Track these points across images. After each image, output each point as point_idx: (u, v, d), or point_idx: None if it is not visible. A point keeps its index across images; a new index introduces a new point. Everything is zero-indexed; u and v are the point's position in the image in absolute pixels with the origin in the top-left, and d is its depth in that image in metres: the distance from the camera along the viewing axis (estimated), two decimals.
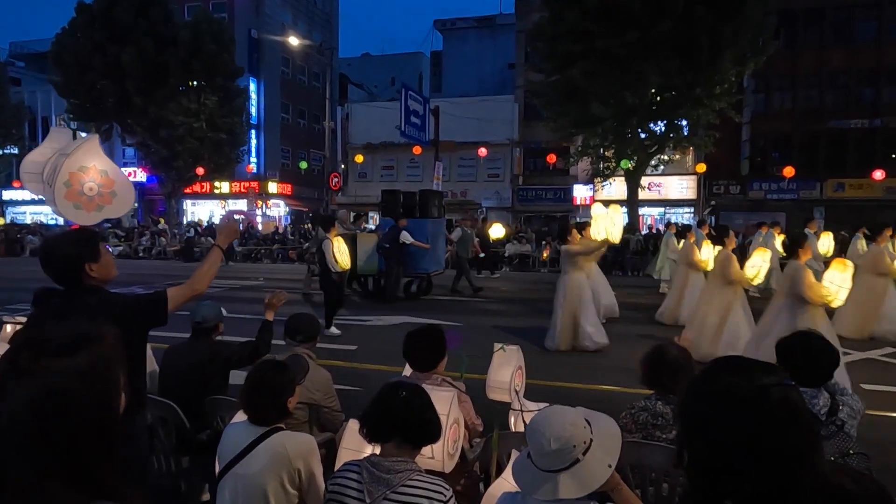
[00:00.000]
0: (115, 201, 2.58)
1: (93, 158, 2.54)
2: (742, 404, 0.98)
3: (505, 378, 3.36)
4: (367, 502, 1.87)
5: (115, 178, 2.59)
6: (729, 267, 6.94)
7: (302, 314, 3.42)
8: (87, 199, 2.48)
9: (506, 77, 32.58)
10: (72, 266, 2.22)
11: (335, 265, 8.30)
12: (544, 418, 1.78)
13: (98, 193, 2.54)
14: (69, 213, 2.37)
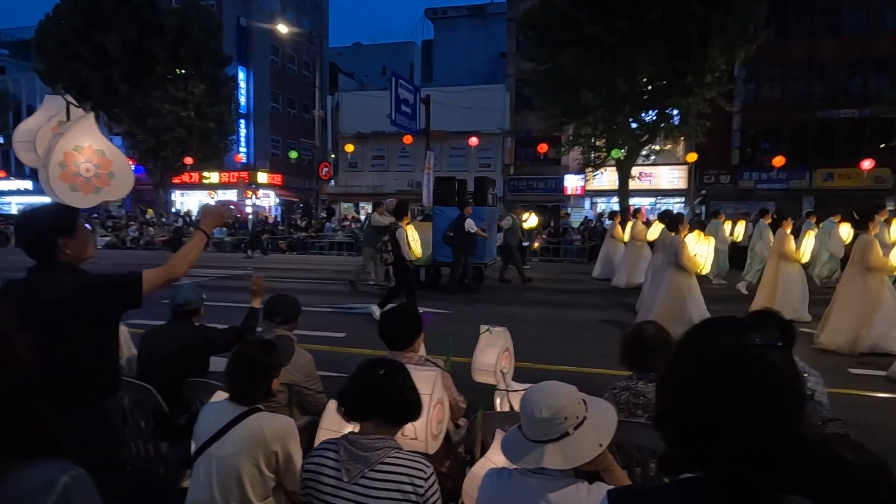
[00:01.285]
0: (113, 183, 2.48)
1: (88, 137, 2.43)
2: (718, 363, 0.92)
3: (490, 360, 3.31)
4: (344, 480, 1.81)
5: (113, 158, 2.48)
6: (869, 253, 6.67)
7: (281, 295, 3.35)
8: (84, 181, 2.38)
9: (497, 66, 32.42)
10: (44, 239, 2.13)
11: (409, 253, 8.25)
12: (540, 388, 1.75)
13: (95, 175, 2.44)
14: (65, 195, 2.27)
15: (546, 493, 1.66)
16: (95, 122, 2.53)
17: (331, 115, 30.74)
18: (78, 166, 2.41)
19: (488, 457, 2.27)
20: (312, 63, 32.06)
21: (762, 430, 0.88)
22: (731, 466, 0.90)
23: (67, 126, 2.40)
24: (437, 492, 1.85)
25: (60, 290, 2.12)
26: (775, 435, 0.89)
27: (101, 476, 2.21)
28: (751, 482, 0.90)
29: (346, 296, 10.80)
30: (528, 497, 1.68)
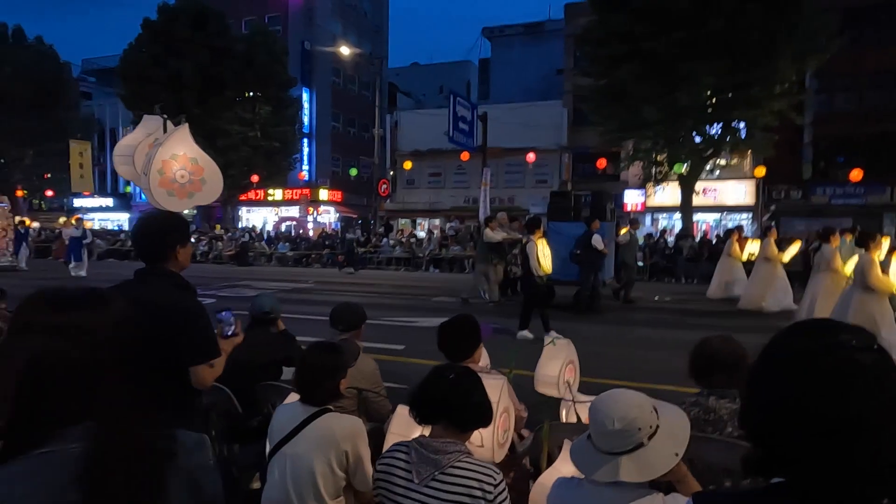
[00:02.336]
0: (204, 188, 2.69)
1: (183, 146, 2.65)
2: (804, 363, 0.90)
3: (553, 372, 3.29)
4: (415, 482, 1.85)
5: (205, 165, 2.70)
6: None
7: (347, 303, 3.44)
8: (179, 187, 2.59)
9: (553, 83, 32.32)
10: (164, 243, 2.29)
11: (538, 269, 8.02)
12: (609, 397, 1.71)
13: (189, 181, 2.64)
14: (163, 199, 2.47)
15: (620, 502, 1.63)
16: (189, 132, 2.73)
17: (389, 134, 31.43)
18: (174, 173, 2.60)
19: (556, 467, 2.25)
20: (372, 83, 32.93)
21: (849, 432, 0.86)
22: (814, 470, 0.88)
23: (165, 136, 2.61)
24: (506, 499, 1.86)
25: (157, 301, 2.26)
26: (865, 439, 0.86)
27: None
28: (837, 488, 0.87)
29: (405, 310, 10.93)
30: None
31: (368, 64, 33.46)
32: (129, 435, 0.94)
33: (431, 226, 27.63)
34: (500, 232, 10.94)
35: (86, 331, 0.96)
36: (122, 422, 0.95)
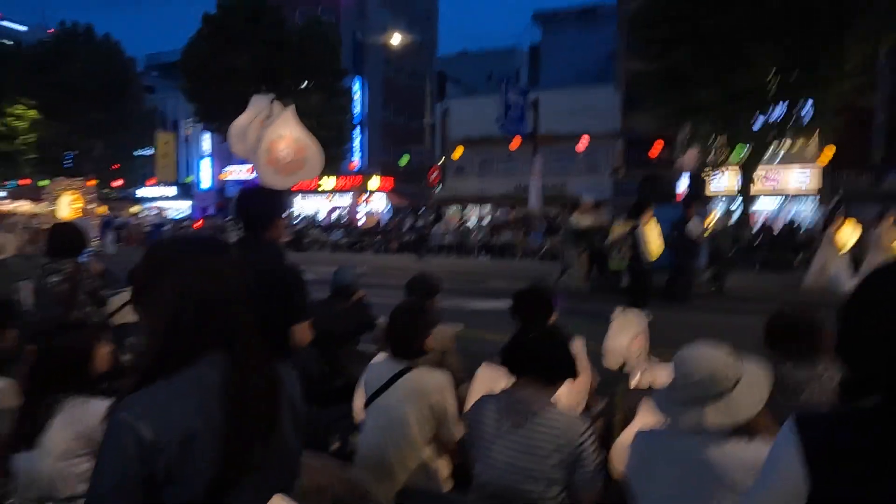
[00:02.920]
0: (306, 167, 2.93)
1: (288, 128, 2.88)
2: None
3: (623, 343, 3.36)
4: (503, 429, 1.98)
5: (307, 145, 2.92)
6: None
7: (422, 273, 3.61)
8: (284, 166, 2.82)
9: (606, 68, 31.67)
10: (268, 213, 2.52)
11: (647, 254, 7.79)
12: (693, 350, 1.80)
13: (293, 160, 2.87)
14: (269, 177, 2.71)
15: (707, 449, 1.71)
16: (294, 115, 2.96)
17: (439, 122, 31.57)
18: (280, 152, 2.83)
19: (635, 425, 2.35)
20: (422, 72, 33.17)
21: None
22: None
23: (272, 119, 2.84)
24: (593, 445, 1.97)
25: (265, 266, 2.49)
26: None
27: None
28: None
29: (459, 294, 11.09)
30: (686, 454, 1.74)
31: (418, 53, 33.68)
32: (257, 363, 1.10)
33: (482, 213, 27.68)
34: (588, 217, 10.63)
35: (219, 272, 1.13)
36: (250, 351, 1.10)
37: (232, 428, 1.03)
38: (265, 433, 1.09)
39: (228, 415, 1.03)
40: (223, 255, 1.18)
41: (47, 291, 3.77)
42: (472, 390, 2.63)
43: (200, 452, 1.01)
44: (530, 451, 1.93)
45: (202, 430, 1.02)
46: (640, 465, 1.84)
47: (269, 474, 1.13)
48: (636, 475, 1.85)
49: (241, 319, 1.12)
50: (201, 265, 1.13)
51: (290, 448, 1.19)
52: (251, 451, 1.06)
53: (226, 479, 1.03)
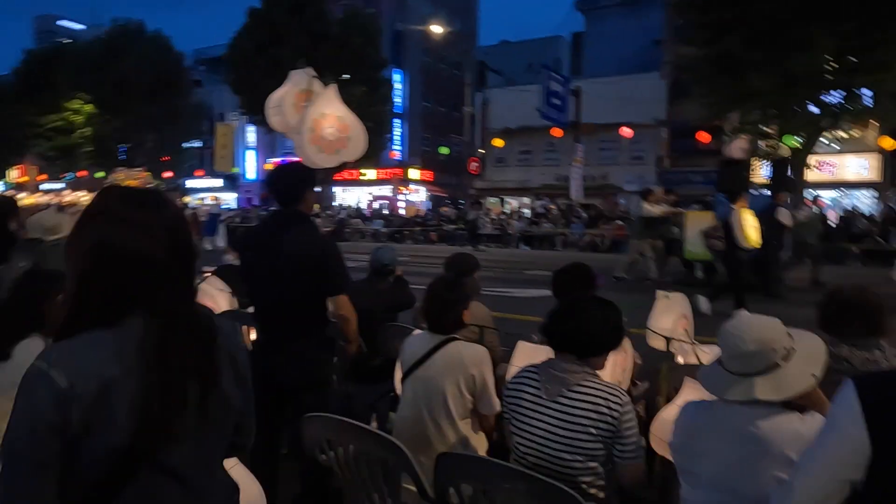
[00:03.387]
0: (350, 145, 2.96)
1: (331, 106, 2.92)
2: None
3: (667, 325, 3.28)
4: (543, 398, 1.96)
5: (351, 123, 2.96)
6: None
7: (460, 252, 3.60)
8: (327, 144, 2.87)
9: (651, 55, 30.85)
10: (299, 186, 2.58)
11: (744, 241, 7.40)
12: (740, 321, 1.73)
13: (336, 138, 2.90)
14: (313, 156, 2.75)
15: (755, 420, 1.64)
16: (337, 93, 2.99)
17: (479, 112, 31.43)
18: (323, 130, 2.86)
19: (675, 402, 2.29)
20: (462, 62, 33.04)
21: None
22: None
23: (316, 97, 2.89)
24: (633, 419, 1.93)
25: (300, 238, 2.55)
26: None
27: (317, 390, 2.61)
28: None
29: (500, 281, 11.06)
30: (735, 425, 1.68)
31: (458, 43, 33.55)
32: (182, 318, 1.08)
33: (521, 204, 27.46)
34: (660, 206, 10.31)
35: (146, 226, 1.08)
36: (174, 306, 1.07)
37: (151, 379, 1.01)
38: (198, 390, 1.07)
39: (148, 366, 1.01)
40: (157, 209, 1.11)
41: None
42: (511, 365, 2.62)
43: (119, 403, 0.99)
44: (570, 422, 1.90)
45: (121, 380, 1.00)
46: (686, 438, 1.79)
47: (211, 433, 1.13)
48: (681, 449, 1.80)
49: (168, 275, 1.08)
50: (125, 217, 1.08)
51: (232, 406, 1.16)
52: (177, 406, 1.03)
53: (149, 432, 1.01)
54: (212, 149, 41.14)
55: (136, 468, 1.02)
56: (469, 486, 1.76)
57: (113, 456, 1.00)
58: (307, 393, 2.60)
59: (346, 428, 2.02)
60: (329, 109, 2.88)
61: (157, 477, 1.05)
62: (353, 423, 2.02)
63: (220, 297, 4.34)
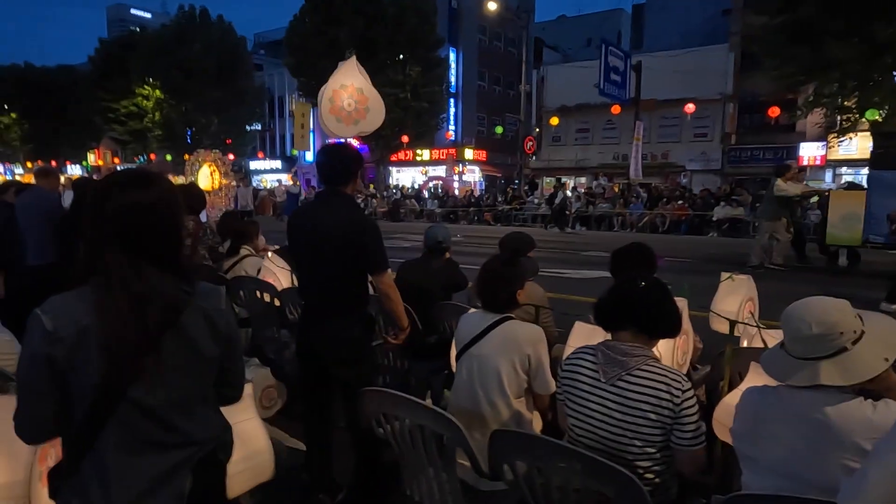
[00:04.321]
0: (368, 116, 3.01)
1: (351, 77, 2.97)
2: None
3: (731, 308, 3.16)
4: (601, 381, 1.92)
5: (370, 95, 3.01)
6: None
7: (515, 231, 3.57)
8: (346, 114, 2.93)
9: (717, 26, 29.32)
10: (349, 165, 2.63)
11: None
12: (804, 303, 1.64)
13: (355, 109, 2.96)
14: (332, 125, 2.81)
15: (822, 406, 1.56)
16: (357, 64, 3.02)
17: (535, 90, 30.85)
18: (342, 101, 2.90)
19: (740, 388, 2.20)
20: (518, 39, 32.37)
21: None
22: None
23: (337, 69, 2.93)
24: (694, 404, 1.87)
25: (341, 216, 2.59)
26: None
27: (356, 365, 2.67)
28: None
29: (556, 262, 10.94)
30: (800, 411, 1.60)
31: (514, 19, 32.87)
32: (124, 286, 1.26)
33: (577, 184, 26.92)
34: (797, 185, 9.44)
35: (128, 204, 1.29)
36: (117, 278, 1.26)
37: (116, 326, 1.23)
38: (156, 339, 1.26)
39: (112, 315, 1.24)
40: (142, 189, 1.31)
41: None
42: (567, 345, 2.58)
43: (93, 345, 1.23)
44: (629, 406, 1.87)
45: (94, 327, 1.23)
46: (749, 424, 1.72)
47: (182, 378, 1.32)
48: (744, 436, 1.74)
49: (140, 244, 1.29)
50: (111, 195, 1.30)
51: (204, 357, 1.35)
52: (135, 350, 1.24)
53: (115, 370, 1.23)
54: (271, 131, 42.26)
55: (113, 404, 1.25)
56: (524, 463, 1.76)
57: (93, 392, 1.24)
58: (346, 368, 2.66)
59: (403, 402, 2.05)
60: (348, 81, 2.92)
61: (135, 415, 1.27)
62: (410, 398, 2.05)
63: (280, 273, 4.50)
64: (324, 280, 2.61)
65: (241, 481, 2.08)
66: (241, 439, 2.03)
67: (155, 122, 35.77)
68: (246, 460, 2.06)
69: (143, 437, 1.30)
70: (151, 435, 1.30)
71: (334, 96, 2.87)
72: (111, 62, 36.99)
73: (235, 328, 1.44)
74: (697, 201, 19.74)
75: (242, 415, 2.12)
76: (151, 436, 1.30)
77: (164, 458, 1.32)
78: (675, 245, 12.07)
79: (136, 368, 1.25)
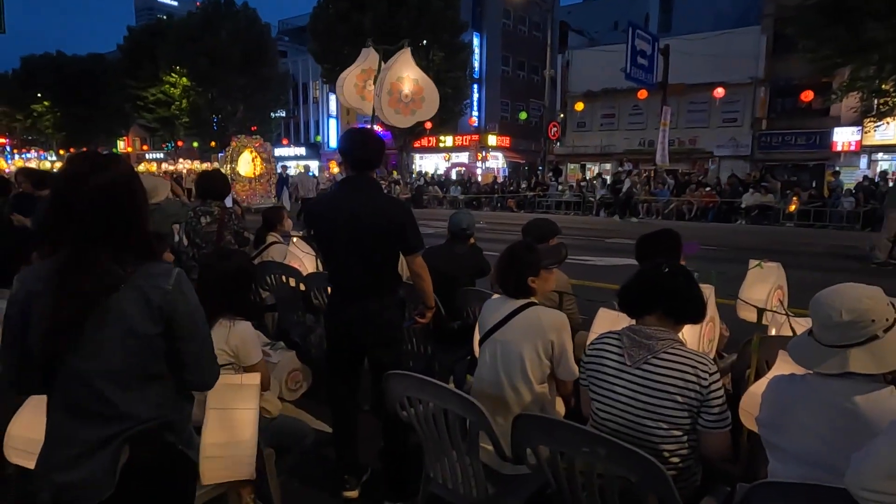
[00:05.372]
0: (424, 106, 3.07)
1: (407, 69, 3.03)
2: None
3: (760, 296, 3.11)
4: (627, 365, 1.92)
5: (424, 85, 3.06)
6: None
7: (538, 218, 3.55)
8: (404, 105, 2.98)
9: (749, 7, 28.47)
10: (374, 153, 2.66)
11: None
12: (834, 290, 1.61)
13: (412, 100, 3.01)
14: (391, 117, 2.88)
15: (852, 395, 1.54)
16: (411, 55, 3.05)
17: (560, 74, 30.42)
18: (400, 93, 2.94)
19: (768, 376, 2.17)
20: (543, 23, 31.88)
21: None
22: None
23: (391, 61, 2.97)
24: (720, 388, 1.85)
25: (377, 201, 2.63)
26: None
27: (391, 347, 2.71)
28: None
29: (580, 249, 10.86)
30: (829, 399, 1.58)
31: (539, 2, 32.38)
32: (83, 258, 1.37)
33: (603, 171, 26.58)
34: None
35: (79, 186, 1.37)
36: (79, 249, 1.37)
37: (54, 295, 1.35)
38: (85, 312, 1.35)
39: (52, 285, 1.36)
40: (95, 173, 1.39)
41: (198, 231, 4.19)
42: (592, 331, 2.58)
43: (37, 310, 1.36)
44: (655, 388, 1.86)
45: (40, 293, 1.37)
46: (777, 412, 1.71)
47: (115, 351, 1.39)
48: (772, 424, 1.72)
49: (79, 226, 1.37)
50: (66, 177, 1.41)
51: (138, 335, 1.39)
52: (68, 319, 1.34)
53: (49, 335, 1.34)
54: (295, 118, 42.47)
55: (52, 367, 1.38)
56: (546, 447, 1.77)
57: (38, 353, 1.37)
58: (383, 350, 2.71)
59: (427, 386, 2.07)
60: (405, 72, 2.97)
61: (75, 382, 1.38)
62: (434, 382, 2.07)
63: (306, 259, 4.55)
64: (360, 263, 2.64)
65: (216, 468, 2.04)
66: (227, 425, 2.05)
67: (182, 109, 36.25)
68: (223, 447, 2.04)
69: (81, 404, 1.39)
70: (89, 403, 1.39)
71: (392, 88, 2.94)
72: (139, 50, 37.52)
73: (185, 310, 1.45)
74: (725, 188, 19.36)
75: (241, 403, 2.09)
76: (89, 404, 1.39)
77: (99, 428, 1.39)
78: (703, 233, 11.92)
79: (65, 336, 1.35)
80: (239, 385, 2.13)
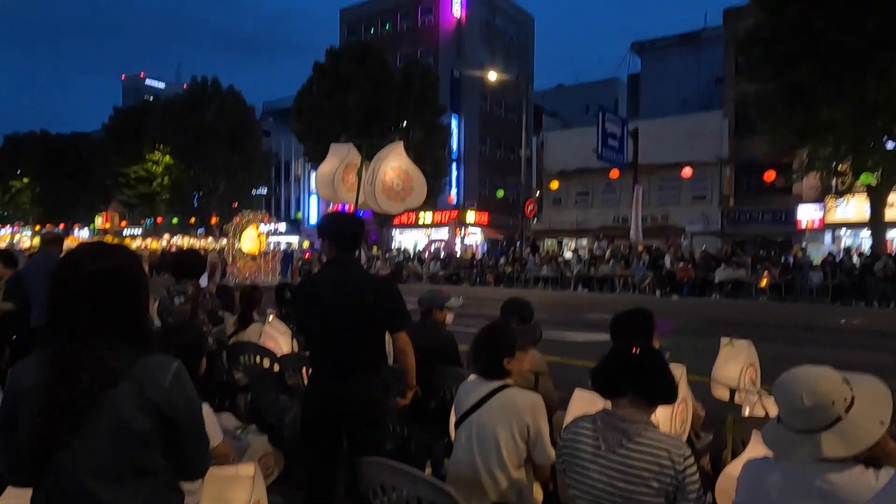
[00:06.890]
0: (413, 194, 3.28)
1: (398, 160, 3.24)
2: None
3: (733, 374, 3.14)
4: (602, 449, 1.90)
5: (413, 175, 3.29)
6: None
7: (517, 298, 3.59)
8: (395, 193, 3.18)
9: (711, 94, 30.39)
10: (356, 237, 2.74)
11: None
12: (792, 375, 1.65)
13: (402, 188, 3.21)
14: (384, 204, 3.05)
15: (826, 474, 1.54)
16: (403, 148, 3.26)
17: (535, 154, 31.61)
18: (392, 182, 3.10)
19: (743, 457, 2.17)
20: (518, 106, 33.47)
21: None
22: None
23: (386, 152, 3.17)
24: (696, 472, 1.84)
25: (364, 278, 2.70)
26: None
27: (373, 429, 2.65)
28: None
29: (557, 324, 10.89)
30: (804, 481, 1.58)
31: (515, 86, 34.12)
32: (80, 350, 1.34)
33: (579, 246, 27.12)
34: None
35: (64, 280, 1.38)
36: (72, 341, 1.35)
37: (46, 392, 1.32)
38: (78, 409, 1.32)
39: (44, 382, 1.33)
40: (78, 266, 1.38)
41: (171, 311, 4.14)
42: (568, 413, 2.56)
43: (28, 406, 1.33)
44: (629, 474, 1.84)
45: (32, 389, 1.33)
46: (752, 496, 1.70)
47: (106, 447, 1.33)
48: None
49: (72, 319, 1.36)
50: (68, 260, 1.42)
51: (131, 429, 1.34)
52: (60, 417, 1.30)
53: (40, 432, 1.30)
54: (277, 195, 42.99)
55: (41, 462, 1.33)
56: None
57: (27, 449, 1.33)
58: (367, 428, 2.66)
59: (401, 473, 2.03)
60: (396, 163, 3.21)
61: (63, 476, 1.33)
62: (407, 469, 2.02)
63: (281, 339, 4.50)
64: (349, 341, 2.65)
65: None
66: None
67: (163, 185, 36.57)
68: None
69: (69, 501, 1.34)
70: (76, 500, 1.33)
71: (385, 177, 3.18)
72: (125, 127, 38.26)
73: (183, 407, 1.41)
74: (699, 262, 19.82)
75: (236, 493, 2.04)
76: (77, 501, 1.33)
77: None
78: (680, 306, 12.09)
79: (57, 432, 1.31)
80: (234, 476, 2.07)
